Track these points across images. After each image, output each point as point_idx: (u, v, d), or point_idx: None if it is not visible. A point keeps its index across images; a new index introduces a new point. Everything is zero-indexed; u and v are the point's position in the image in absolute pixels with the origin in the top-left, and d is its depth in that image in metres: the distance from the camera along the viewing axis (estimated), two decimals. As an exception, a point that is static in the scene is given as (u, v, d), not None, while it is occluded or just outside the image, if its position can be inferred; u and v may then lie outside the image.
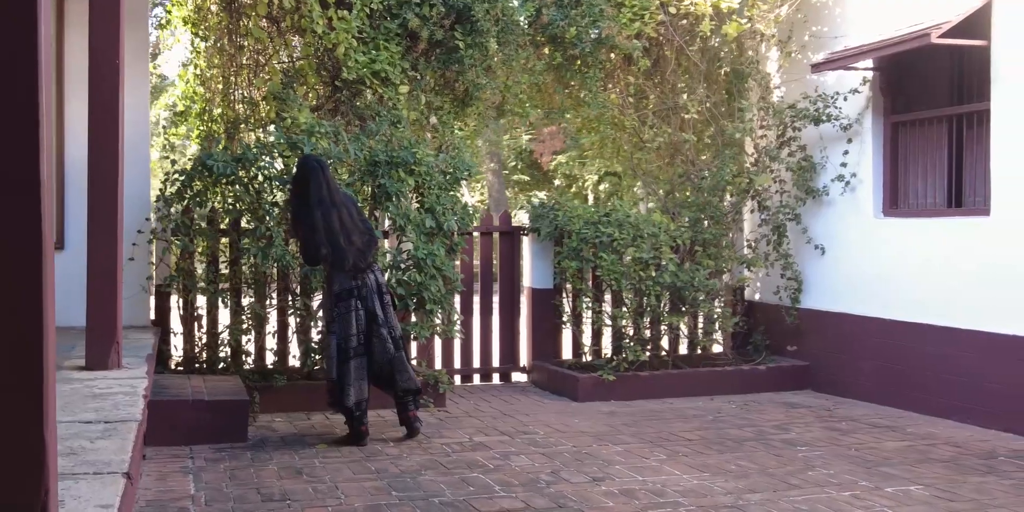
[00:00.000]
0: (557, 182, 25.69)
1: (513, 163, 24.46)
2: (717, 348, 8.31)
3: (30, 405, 2.06)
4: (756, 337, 7.99)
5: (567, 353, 7.90)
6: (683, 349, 8.04)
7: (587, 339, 7.67)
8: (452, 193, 6.37)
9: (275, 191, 5.87)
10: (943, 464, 5.01)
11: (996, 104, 6.12)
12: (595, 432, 5.78)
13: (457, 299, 6.74)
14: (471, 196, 23.84)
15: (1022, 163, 5.90)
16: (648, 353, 7.34)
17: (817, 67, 7.08)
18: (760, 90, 7.84)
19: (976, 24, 6.20)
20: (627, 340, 7.22)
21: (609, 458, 5.05)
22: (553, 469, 4.78)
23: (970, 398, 6.22)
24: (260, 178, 5.82)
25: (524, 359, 7.81)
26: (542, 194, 27.01)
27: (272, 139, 5.89)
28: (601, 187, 24.47)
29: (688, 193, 7.96)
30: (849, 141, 7.24)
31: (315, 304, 6.29)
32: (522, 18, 6.93)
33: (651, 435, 5.71)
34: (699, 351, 8.11)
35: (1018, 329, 5.87)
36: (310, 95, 6.51)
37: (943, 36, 6.11)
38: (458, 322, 6.57)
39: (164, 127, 7.58)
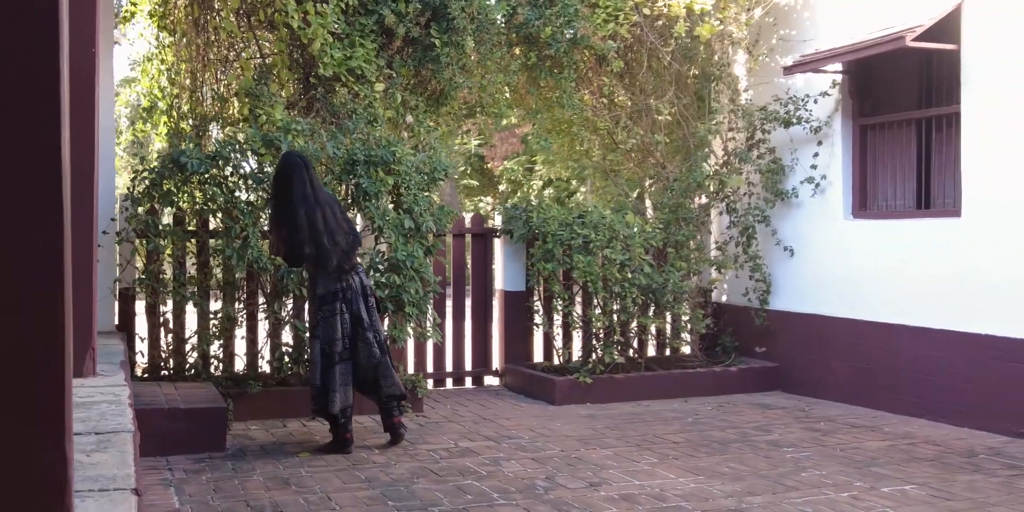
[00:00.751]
0: (502, 187, 25.70)
1: (462, 167, 24.39)
2: (684, 350, 8.31)
3: (52, 417, 1.89)
4: (724, 339, 8.01)
5: (538, 356, 7.81)
6: (651, 351, 8.02)
7: (559, 342, 7.60)
8: (428, 193, 6.24)
9: (249, 190, 5.66)
10: (929, 463, 5.05)
11: (966, 107, 6.23)
12: (579, 436, 5.70)
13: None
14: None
15: (992, 165, 6.02)
16: (623, 356, 7.30)
17: (789, 70, 7.12)
18: (729, 92, 7.87)
19: (945, 28, 6.30)
20: (602, 342, 7.16)
21: (600, 462, 4.97)
22: (547, 475, 4.68)
23: (943, 397, 6.30)
24: (235, 176, 5.61)
25: (496, 362, 7.69)
26: (488, 199, 26.92)
27: (243, 136, 5.67)
28: (546, 192, 24.51)
29: (658, 195, 7.95)
30: (819, 143, 7.30)
31: (289, 307, 6.09)
32: (499, 16, 6.82)
33: (636, 438, 5.66)
34: (667, 353, 8.12)
35: (991, 328, 5.97)
36: (283, 92, 6.31)
37: (916, 40, 6.19)
38: (437, 325, 6.43)
39: (132, 123, 7.26)
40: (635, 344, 7.67)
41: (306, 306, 5.75)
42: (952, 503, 4.22)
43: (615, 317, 7.17)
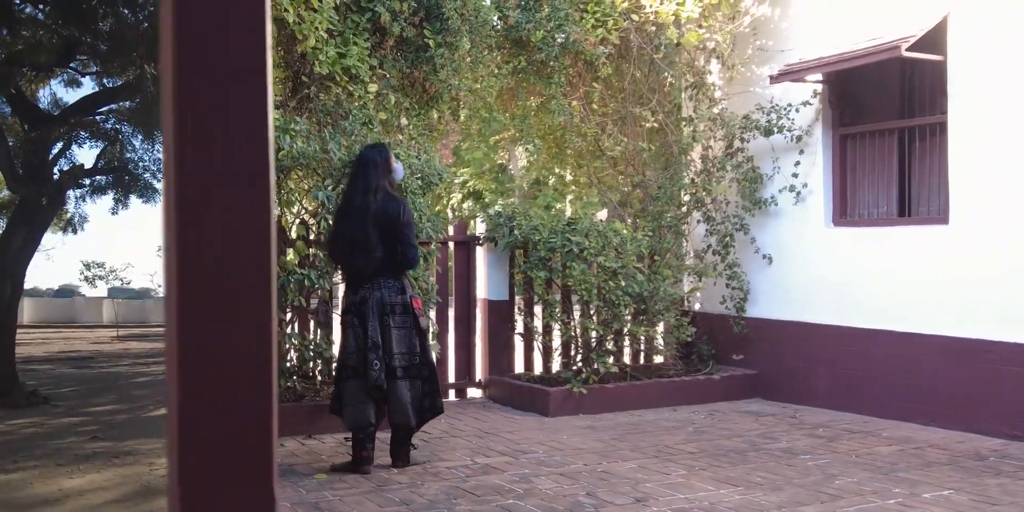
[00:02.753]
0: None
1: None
2: (658, 358, 8.26)
3: (260, 450, 1.65)
4: (701, 347, 7.99)
5: (519, 367, 7.62)
6: (627, 360, 7.94)
7: (544, 352, 7.42)
8: (425, 198, 5.99)
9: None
10: (948, 467, 5.08)
11: (953, 117, 6.36)
12: (592, 448, 5.54)
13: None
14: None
15: (980, 173, 6.15)
16: (616, 365, 7.18)
17: (775, 79, 7.16)
18: (707, 101, 7.87)
19: (930, 40, 6.43)
20: (595, 351, 7.02)
21: (630, 476, 4.82)
22: (586, 491, 4.50)
23: (932, 401, 6.39)
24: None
25: (479, 373, 7.46)
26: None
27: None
28: (465, 205, 24.36)
29: (639, 203, 7.88)
30: (801, 152, 7.36)
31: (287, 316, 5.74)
32: (495, 18, 6.63)
33: (649, 449, 5.53)
34: (643, 361, 8.05)
35: (982, 332, 6.09)
36: (273, 90, 5.94)
37: (907, 50, 6.30)
38: (436, 335, 6.17)
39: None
40: (623, 353, 7.56)
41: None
42: (1000, 508, 4.23)
43: (610, 326, 7.04)
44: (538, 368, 7.53)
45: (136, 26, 10.50)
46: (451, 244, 7.34)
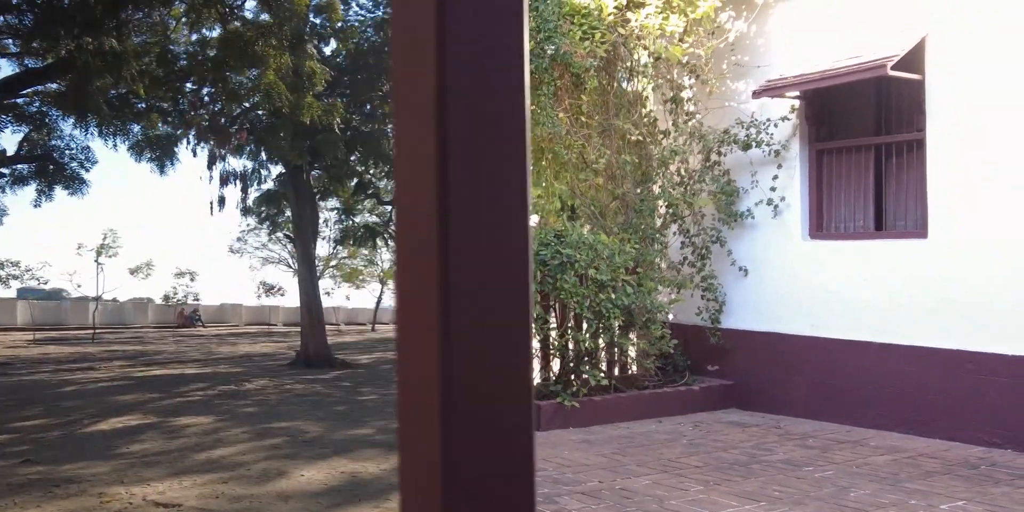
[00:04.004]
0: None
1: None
2: (633, 368, 8.29)
3: (522, 453, 1.54)
4: (677, 357, 8.05)
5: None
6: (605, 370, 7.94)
7: (535, 363, 7.36)
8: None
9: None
10: (947, 476, 5.22)
11: (932, 133, 6.57)
12: (597, 464, 5.51)
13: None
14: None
15: (959, 189, 6.36)
16: (605, 378, 7.17)
17: (757, 94, 7.28)
18: (684, 115, 7.95)
19: (908, 59, 6.62)
20: (586, 364, 7.00)
21: (651, 493, 4.80)
22: (617, 511, 4.45)
23: (912, 411, 6.58)
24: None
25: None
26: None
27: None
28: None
29: (620, 215, 7.90)
30: (779, 166, 7.49)
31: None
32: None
33: (655, 464, 5.53)
34: (618, 372, 8.06)
35: (961, 343, 6.29)
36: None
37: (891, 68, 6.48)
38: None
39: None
40: (604, 365, 7.56)
41: None
42: (1018, 518, 4.37)
43: (600, 338, 7.03)
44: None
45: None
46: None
